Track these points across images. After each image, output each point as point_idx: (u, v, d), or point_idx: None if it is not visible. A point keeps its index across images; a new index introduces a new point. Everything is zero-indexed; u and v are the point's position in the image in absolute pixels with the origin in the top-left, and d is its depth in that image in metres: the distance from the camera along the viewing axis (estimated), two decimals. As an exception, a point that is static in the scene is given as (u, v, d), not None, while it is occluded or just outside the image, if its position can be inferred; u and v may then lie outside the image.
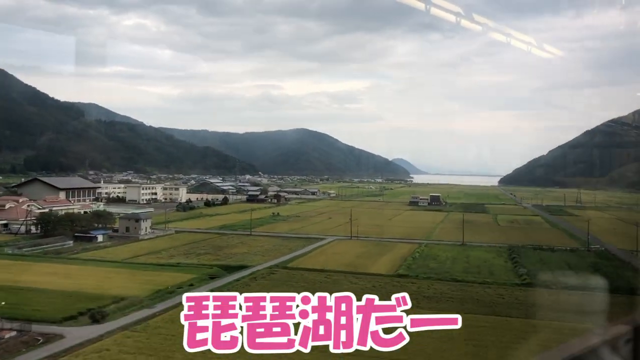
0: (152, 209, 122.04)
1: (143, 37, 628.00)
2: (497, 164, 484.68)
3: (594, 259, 69.39)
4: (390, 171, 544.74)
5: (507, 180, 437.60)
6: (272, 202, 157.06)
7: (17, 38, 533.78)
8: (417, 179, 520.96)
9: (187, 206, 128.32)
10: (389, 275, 56.32)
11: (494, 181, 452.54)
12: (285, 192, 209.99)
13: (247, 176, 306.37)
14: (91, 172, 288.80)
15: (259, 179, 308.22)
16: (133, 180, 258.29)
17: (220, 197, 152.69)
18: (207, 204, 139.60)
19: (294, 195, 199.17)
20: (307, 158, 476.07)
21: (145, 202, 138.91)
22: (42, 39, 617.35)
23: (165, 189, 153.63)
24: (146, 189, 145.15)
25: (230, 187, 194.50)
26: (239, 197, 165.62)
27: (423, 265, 63.00)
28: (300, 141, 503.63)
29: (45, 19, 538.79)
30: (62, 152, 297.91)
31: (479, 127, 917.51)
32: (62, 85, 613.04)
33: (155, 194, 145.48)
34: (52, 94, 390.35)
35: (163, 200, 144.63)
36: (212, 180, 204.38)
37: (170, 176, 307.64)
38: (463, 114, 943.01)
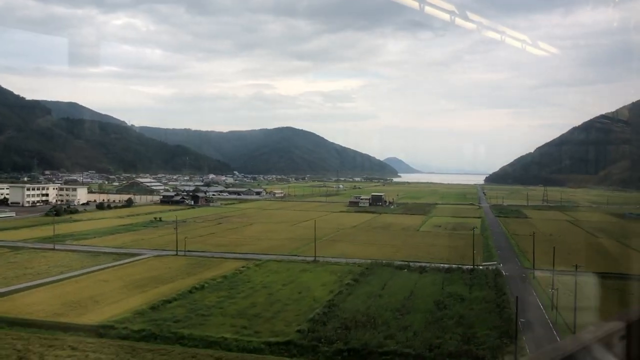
0: (13, 214, 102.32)
1: (133, 36, 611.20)
2: (490, 162, 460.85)
3: (457, 287, 47.75)
4: (379, 170, 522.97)
5: (492, 179, 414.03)
6: (189, 203, 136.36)
7: (4, 38, 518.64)
8: (406, 177, 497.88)
9: (64, 210, 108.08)
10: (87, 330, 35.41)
11: (483, 179, 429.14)
12: (227, 192, 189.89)
13: (211, 175, 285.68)
14: (47, 172, 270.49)
15: (224, 177, 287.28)
16: (82, 180, 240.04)
17: (126, 197, 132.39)
18: (100, 206, 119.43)
19: (235, 196, 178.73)
20: (290, 157, 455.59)
21: (30, 204, 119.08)
22: (30, 39, 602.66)
23: (61, 189, 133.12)
24: (34, 189, 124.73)
25: (162, 187, 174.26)
26: (155, 198, 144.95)
27: (192, 303, 41.99)
28: (286, 140, 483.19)
29: (34, 19, 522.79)
30: (18, 150, 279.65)
31: (474, 126, 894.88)
32: (39, 84, 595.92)
33: (47, 195, 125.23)
34: (17, 91, 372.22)
35: (60, 202, 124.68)
36: (141, 180, 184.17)
37: (134, 175, 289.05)
38: (457, 112, 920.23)
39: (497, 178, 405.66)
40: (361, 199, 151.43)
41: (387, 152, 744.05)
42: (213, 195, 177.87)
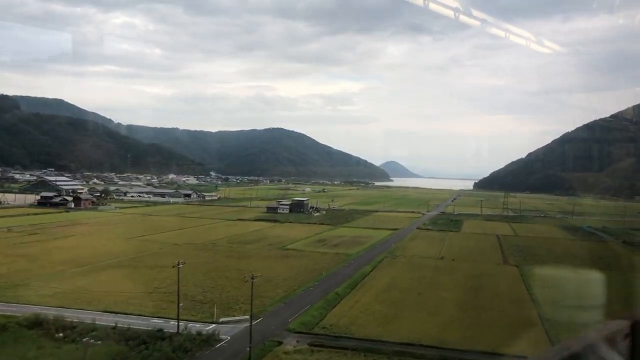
0: None
1: (132, 36, 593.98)
2: (490, 167, 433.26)
3: None
4: (371, 174, 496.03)
5: (481, 184, 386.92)
6: (70, 205, 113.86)
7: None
8: (398, 182, 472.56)
9: None
10: None
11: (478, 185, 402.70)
12: (153, 193, 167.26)
13: (171, 175, 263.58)
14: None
15: (184, 178, 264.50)
16: (22, 178, 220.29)
17: None
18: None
19: (157, 198, 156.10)
20: (277, 158, 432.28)
21: None
22: (26, 35, 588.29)
23: None
24: None
25: (77, 187, 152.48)
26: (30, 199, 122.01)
27: None
28: (275, 141, 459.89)
29: (32, 16, 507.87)
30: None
31: (475, 130, 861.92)
32: (29, 81, 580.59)
33: None
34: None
35: None
36: (51, 178, 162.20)
37: (94, 174, 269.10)
38: (459, 117, 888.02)
39: (486, 183, 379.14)
40: (281, 205, 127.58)
41: (388, 156, 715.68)
42: (133, 196, 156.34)
